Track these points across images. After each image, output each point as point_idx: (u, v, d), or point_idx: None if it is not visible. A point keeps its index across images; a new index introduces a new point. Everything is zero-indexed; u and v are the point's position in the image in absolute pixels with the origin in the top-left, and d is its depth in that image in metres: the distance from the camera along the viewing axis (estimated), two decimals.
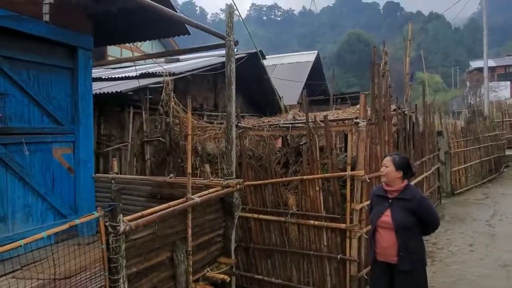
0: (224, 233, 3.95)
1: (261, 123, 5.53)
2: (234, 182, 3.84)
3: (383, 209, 3.33)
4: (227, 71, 3.94)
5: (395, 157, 3.36)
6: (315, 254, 4.95)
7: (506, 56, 50.13)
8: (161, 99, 6.17)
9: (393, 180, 3.32)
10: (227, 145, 3.97)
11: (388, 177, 3.32)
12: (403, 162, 3.35)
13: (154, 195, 4.33)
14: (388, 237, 3.26)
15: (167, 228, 3.18)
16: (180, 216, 3.34)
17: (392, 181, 3.33)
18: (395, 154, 3.49)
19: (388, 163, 3.34)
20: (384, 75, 5.87)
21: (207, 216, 3.71)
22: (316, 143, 4.92)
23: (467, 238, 7.17)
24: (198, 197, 3.42)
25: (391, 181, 3.33)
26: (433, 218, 3.32)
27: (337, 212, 4.82)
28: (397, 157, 3.37)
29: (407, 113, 7.34)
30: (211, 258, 3.78)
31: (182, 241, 3.33)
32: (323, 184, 4.91)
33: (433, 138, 9.94)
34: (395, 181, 3.32)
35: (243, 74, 12.21)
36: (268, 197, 5.27)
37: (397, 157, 3.38)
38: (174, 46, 23.17)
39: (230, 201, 3.89)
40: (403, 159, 3.38)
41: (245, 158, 5.36)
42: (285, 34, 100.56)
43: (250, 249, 5.37)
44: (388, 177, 3.32)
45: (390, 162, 3.33)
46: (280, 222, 5.17)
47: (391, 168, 3.31)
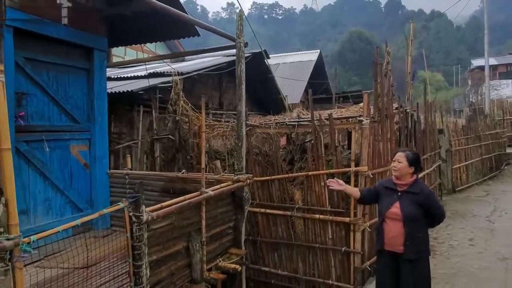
0: (234, 226, 4.16)
1: (268, 121, 5.73)
2: (245, 177, 4.05)
3: (392, 201, 3.51)
4: (237, 71, 4.14)
5: (408, 154, 3.51)
6: (320, 247, 5.16)
7: (507, 54, 50.12)
8: (170, 98, 6.38)
9: (404, 175, 3.48)
10: (237, 141, 4.17)
11: (401, 172, 3.46)
12: (415, 158, 3.52)
13: (167, 189, 4.54)
14: (396, 228, 3.45)
15: (183, 219, 3.39)
16: (195, 209, 3.55)
17: (404, 176, 3.48)
18: (408, 150, 3.66)
19: (401, 159, 3.48)
20: (387, 75, 6.06)
21: (219, 209, 3.92)
22: (321, 140, 5.12)
23: (467, 233, 7.36)
24: (211, 191, 3.62)
25: (402, 176, 3.48)
26: (440, 211, 3.52)
27: (342, 207, 5.02)
28: (410, 153, 3.53)
29: (408, 111, 7.53)
30: (223, 249, 3.99)
31: (197, 232, 3.54)
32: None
33: (434, 136, 10.12)
34: (406, 176, 3.48)
35: (247, 74, 12.42)
36: (274, 193, 5.47)
37: (410, 153, 3.54)
38: (178, 46, 23.40)
39: (241, 195, 4.09)
40: (415, 156, 3.56)
41: (252, 154, 5.56)
42: (286, 32, 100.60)
43: (258, 242, 5.58)
44: (400, 172, 3.47)
45: (404, 158, 3.47)
46: (287, 217, 5.38)
47: (405, 163, 3.45)
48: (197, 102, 10.57)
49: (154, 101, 6.34)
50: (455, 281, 5.15)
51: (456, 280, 5.23)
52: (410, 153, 3.55)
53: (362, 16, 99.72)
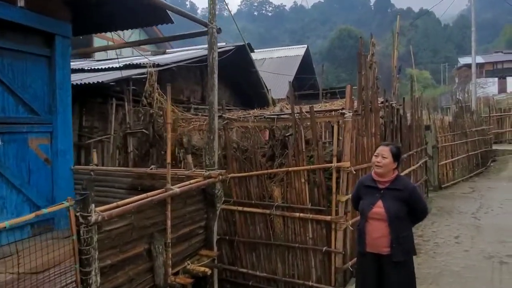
0: (206, 225, 3.86)
1: (247, 115, 5.44)
2: (216, 173, 3.74)
3: (375, 200, 3.23)
4: (209, 59, 3.83)
5: (392, 148, 3.23)
6: (300, 247, 4.90)
7: (494, 53, 50.67)
8: (145, 90, 6.03)
9: (388, 171, 3.21)
10: (209, 135, 3.86)
11: (385, 168, 3.18)
12: (399, 153, 3.26)
13: (135, 186, 4.22)
14: (380, 228, 3.19)
15: (145, 219, 3.08)
16: (159, 207, 3.24)
17: (387, 172, 3.21)
18: (391, 144, 3.38)
19: (386, 154, 3.19)
20: (372, 67, 5.81)
21: (188, 207, 3.61)
22: (302, 134, 4.84)
23: (453, 230, 7.19)
24: (177, 188, 3.32)
25: (386, 172, 3.21)
26: (423, 206, 3.29)
27: (323, 204, 4.76)
28: (393, 147, 3.25)
29: (394, 106, 7.31)
30: (192, 251, 3.69)
31: (161, 232, 3.23)
32: (309, 176, 4.85)
33: (421, 132, 9.95)
34: (389, 172, 3.21)
35: (231, 67, 12.08)
36: (253, 190, 5.19)
37: (394, 147, 3.25)
38: (158, 33, 22.89)
39: (212, 192, 3.79)
40: (398, 150, 3.28)
41: (230, 149, 5.27)
42: (276, 29, 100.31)
43: (235, 242, 5.29)
44: (385, 168, 3.18)
45: (388, 153, 3.18)
46: (265, 215, 5.10)
47: (390, 159, 3.17)
48: (177, 96, 10.25)
49: (127, 93, 5.98)
50: (440, 281, 4.93)
51: (441, 279, 5.02)
52: (394, 147, 3.29)
53: (352, 14, 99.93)
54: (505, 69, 45.81)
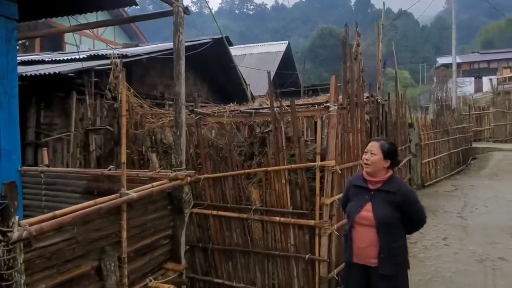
0: (172, 234, 3.35)
1: (222, 109, 4.94)
2: (183, 174, 3.23)
3: (363, 203, 2.83)
4: (174, 43, 3.32)
5: (383, 143, 2.84)
6: (281, 255, 4.43)
7: (470, 53, 51.67)
8: (109, 82, 5.44)
9: (378, 170, 2.82)
10: (175, 130, 3.35)
11: (374, 166, 2.80)
12: (392, 150, 2.84)
13: (91, 190, 3.66)
14: (368, 236, 2.78)
15: (92, 231, 2.55)
16: (111, 216, 2.71)
17: (377, 171, 2.82)
18: (383, 139, 2.96)
19: (375, 150, 2.81)
20: (357, 58, 5.41)
21: (150, 214, 3.09)
22: (282, 130, 4.37)
23: (440, 231, 6.89)
24: (135, 192, 2.79)
25: (376, 171, 2.82)
26: (420, 214, 2.86)
27: (305, 208, 4.31)
28: (386, 143, 2.85)
29: (380, 101, 6.95)
30: (155, 265, 3.17)
31: (114, 246, 2.70)
32: (290, 177, 4.39)
33: (405, 129, 9.69)
34: (380, 171, 2.82)
35: (210, 63, 11.57)
36: (228, 192, 4.69)
37: (386, 143, 2.86)
38: (138, 34, 22.15)
39: (179, 196, 3.28)
40: (392, 146, 2.87)
41: (203, 147, 4.75)
42: (257, 28, 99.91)
43: (209, 250, 4.79)
44: (374, 166, 2.80)
45: (378, 149, 2.80)
46: (242, 220, 4.61)
47: (379, 156, 2.79)
48: (151, 91, 9.64)
49: (88, 86, 5.38)
50: None
51: (433, 287, 4.67)
52: (386, 143, 2.87)
53: (333, 14, 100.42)
54: (481, 69, 46.80)
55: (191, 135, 4.88)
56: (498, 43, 54.74)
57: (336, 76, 4.12)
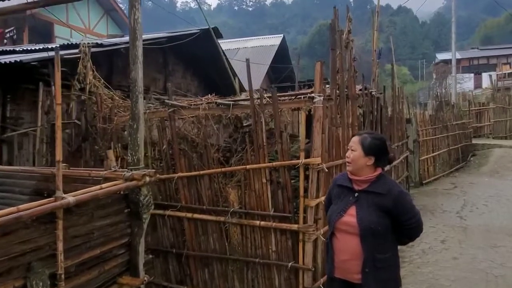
0: (129, 243, 2.90)
1: (199, 101, 4.48)
2: (140, 174, 2.78)
3: (346, 206, 2.39)
4: (130, 21, 2.85)
5: (365, 137, 2.41)
6: (262, 262, 3.99)
7: (470, 49, 51.22)
8: (78, 72, 4.97)
9: (360, 169, 2.39)
10: (132, 123, 2.89)
11: (355, 164, 2.39)
12: (375, 144, 2.40)
13: (40, 191, 3.19)
14: (350, 246, 2.33)
15: (15, 244, 2.10)
16: (43, 225, 2.25)
17: (360, 170, 2.39)
18: (367, 133, 2.50)
19: (355, 146, 2.41)
20: (348, 46, 4.95)
21: (99, 221, 2.64)
22: (263, 124, 3.92)
23: (438, 233, 6.47)
24: (73, 197, 2.34)
25: (358, 170, 2.40)
26: (415, 221, 2.36)
27: (288, 210, 3.87)
28: (368, 137, 2.41)
29: (374, 94, 6.49)
30: (107, 279, 2.72)
31: (47, 260, 2.25)
32: (271, 176, 3.94)
33: (402, 125, 9.26)
34: (363, 169, 2.39)
35: (199, 55, 11.07)
36: (204, 192, 4.24)
37: (369, 137, 2.42)
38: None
39: (136, 199, 2.83)
40: (375, 141, 2.42)
41: (177, 143, 4.30)
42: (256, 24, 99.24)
43: (183, 256, 4.34)
44: (354, 164, 2.39)
45: (357, 145, 2.39)
46: (220, 223, 4.17)
47: (359, 152, 2.37)
48: None
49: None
50: None
51: None
52: (369, 137, 2.41)
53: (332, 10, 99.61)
54: (480, 65, 46.41)
55: (164, 130, 4.42)
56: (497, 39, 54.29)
57: (321, 62, 3.65)
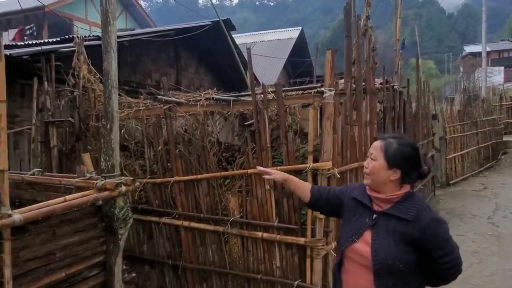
0: (104, 262, 2.50)
1: (197, 97, 4.04)
2: (114, 182, 2.37)
3: (361, 229, 1.82)
4: (101, 3, 2.42)
5: (389, 143, 1.78)
6: (264, 279, 3.53)
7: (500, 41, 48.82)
8: (72, 66, 4.63)
9: (381, 184, 1.79)
10: (105, 123, 2.48)
11: (374, 177, 1.79)
12: (403, 154, 1.77)
13: (13, 200, 2.83)
14: (361, 282, 1.78)
15: None
16: None
17: (380, 185, 1.79)
18: (393, 137, 1.86)
19: (376, 153, 1.80)
20: (366, 33, 4.40)
21: (64, 239, 2.25)
22: (266, 123, 3.44)
23: (468, 243, 5.82)
24: (20, 214, 1.94)
25: (378, 185, 1.80)
26: (451, 259, 1.74)
27: (294, 221, 3.38)
28: (394, 143, 1.79)
29: (397, 88, 5.90)
30: None
31: None
32: (276, 182, 3.46)
33: (428, 121, 8.58)
34: (385, 185, 1.79)
35: (213, 49, 10.68)
36: (203, 199, 3.81)
37: (395, 143, 1.79)
38: (148, 21, 21.51)
39: (111, 212, 2.42)
40: (403, 148, 1.79)
41: (173, 144, 3.88)
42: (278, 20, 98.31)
43: (179, 268, 3.93)
44: (373, 177, 1.79)
45: (379, 152, 1.79)
46: (219, 234, 3.73)
47: (380, 162, 1.77)
48: (143, 80, 8.83)
49: (47, 71, 4.60)
50: None
51: None
52: (395, 143, 1.79)
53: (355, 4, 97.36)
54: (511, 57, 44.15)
55: (159, 128, 4.00)
56: None
57: (333, 50, 3.13)
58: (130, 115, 4.19)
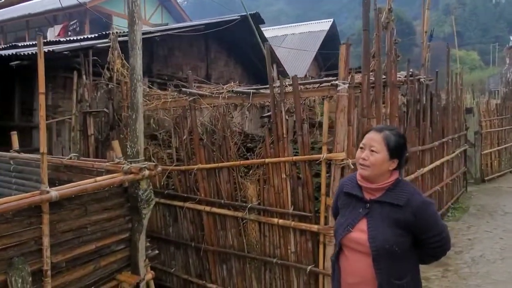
0: (129, 239, 2.78)
1: (220, 89, 4.25)
2: (138, 167, 2.63)
3: (355, 219, 1.96)
4: (128, 5, 2.67)
5: (388, 135, 1.90)
6: (280, 263, 3.72)
7: None
8: (108, 60, 4.99)
9: (381, 174, 1.91)
10: (131, 113, 2.74)
11: (375, 169, 1.89)
12: (400, 144, 1.91)
13: (53, 181, 3.19)
14: (360, 267, 1.93)
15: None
16: (27, 219, 2.18)
17: (379, 176, 1.92)
18: (387, 128, 1.99)
19: (378, 146, 1.88)
20: (388, 26, 4.42)
21: (95, 215, 2.55)
22: (283, 114, 3.60)
23: (495, 239, 5.71)
24: (57, 191, 2.24)
25: (376, 176, 1.92)
26: (440, 238, 1.90)
27: (309, 209, 3.53)
28: (391, 134, 1.91)
29: (423, 81, 5.82)
30: (103, 275, 2.64)
31: (32, 255, 2.18)
32: (292, 171, 3.62)
33: (460, 115, 8.33)
34: (383, 175, 1.92)
35: (242, 43, 10.87)
36: (223, 186, 4.04)
37: (392, 134, 1.91)
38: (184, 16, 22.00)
39: (135, 193, 2.70)
40: (400, 139, 1.93)
41: (196, 134, 4.13)
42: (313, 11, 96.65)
43: (202, 250, 4.20)
44: (375, 169, 1.89)
45: (382, 144, 1.88)
46: (238, 219, 3.95)
47: (383, 154, 1.88)
48: (174, 73, 9.19)
49: (85, 65, 4.99)
50: None
51: None
52: (392, 134, 1.91)
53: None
54: None
55: (185, 119, 4.27)
56: None
57: (347, 45, 3.22)
58: (159, 106, 4.47)
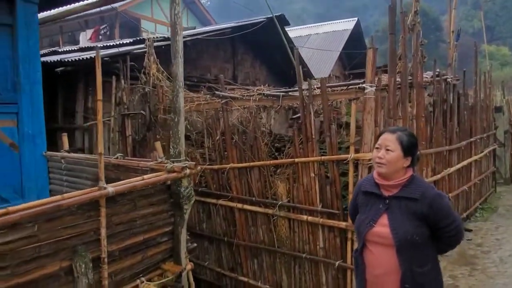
0: (172, 232, 3.04)
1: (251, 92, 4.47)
2: (180, 166, 2.88)
3: (376, 215, 2.15)
4: (171, 16, 2.92)
5: (401, 135, 2.12)
6: (309, 258, 3.90)
7: None
8: (144, 65, 5.30)
9: (396, 171, 2.12)
10: (173, 116, 2.99)
11: (391, 166, 2.10)
12: (412, 143, 2.14)
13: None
14: (385, 259, 2.11)
15: (60, 228, 2.32)
16: (87, 212, 2.46)
17: (394, 173, 2.13)
18: (399, 130, 2.22)
19: (392, 145, 2.11)
20: (414, 29, 4.51)
21: (142, 210, 2.81)
22: (311, 116, 3.78)
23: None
24: (113, 187, 2.51)
25: (392, 173, 2.13)
26: (454, 227, 2.09)
27: (336, 207, 3.70)
28: (404, 134, 2.13)
29: (450, 81, 5.85)
30: (149, 264, 2.90)
31: (92, 244, 2.46)
32: (320, 170, 3.80)
33: (489, 114, 8.23)
34: (398, 172, 2.13)
35: (267, 44, 11.04)
36: (254, 184, 4.26)
37: (405, 134, 2.14)
38: (209, 19, 22.39)
39: (177, 190, 2.95)
40: (412, 138, 2.16)
41: (229, 134, 4.36)
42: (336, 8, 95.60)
43: (234, 245, 4.44)
44: (390, 166, 2.10)
45: (396, 144, 2.10)
46: (268, 216, 4.17)
47: (398, 153, 2.09)
48: (203, 74, 9.48)
49: (124, 70, 5.32)
50: None
51: None
52: (404, 135, 2.14)
53: None
54: None
55: (217, 120, 4.52)
56: None
57: (373, 49, 3.37)
58: (192, 108, 4.74)
